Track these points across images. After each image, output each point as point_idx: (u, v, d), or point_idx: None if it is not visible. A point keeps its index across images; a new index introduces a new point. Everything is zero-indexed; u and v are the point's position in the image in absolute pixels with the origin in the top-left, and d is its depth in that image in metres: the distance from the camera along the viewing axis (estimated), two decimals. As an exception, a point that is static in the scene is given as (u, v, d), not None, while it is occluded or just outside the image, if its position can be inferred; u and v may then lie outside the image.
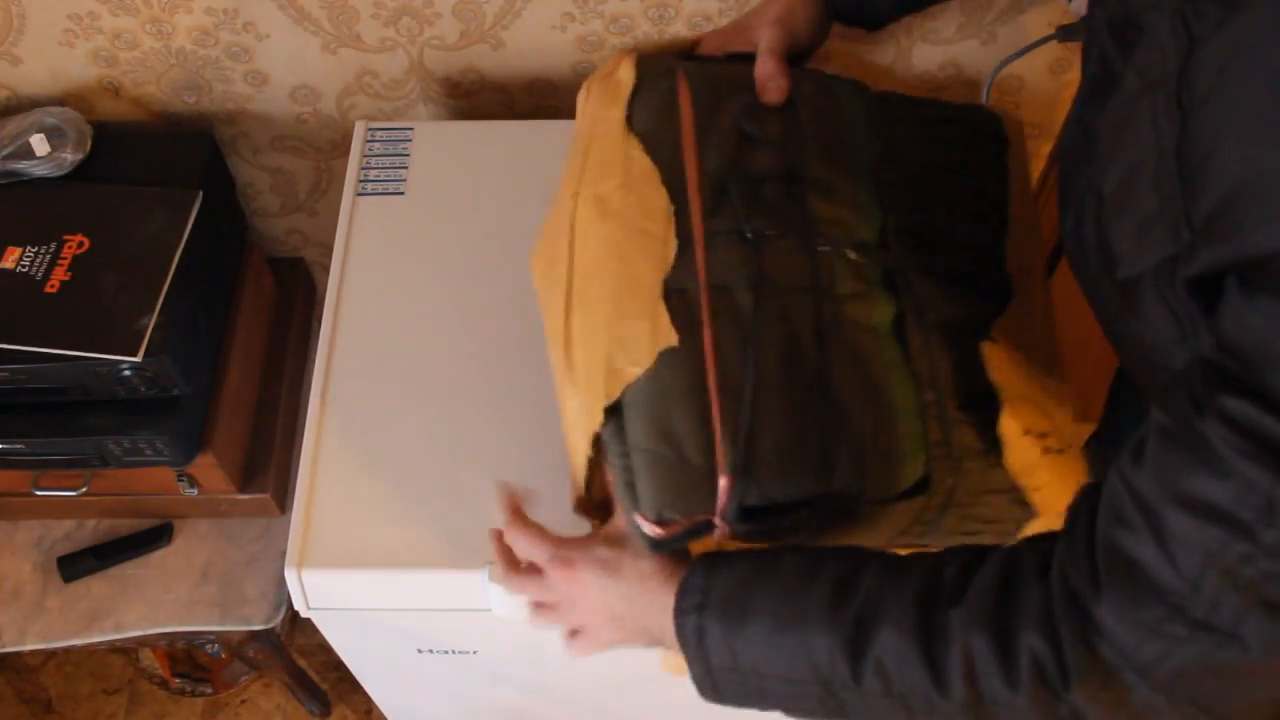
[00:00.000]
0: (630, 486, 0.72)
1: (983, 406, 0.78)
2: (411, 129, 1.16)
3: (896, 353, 0.78)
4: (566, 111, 1.00)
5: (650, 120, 0.83)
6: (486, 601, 0.92)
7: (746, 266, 0.76)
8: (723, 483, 0.71)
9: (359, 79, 1.20)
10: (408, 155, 1.14)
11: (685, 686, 0.69)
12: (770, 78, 0.84)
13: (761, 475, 0.71)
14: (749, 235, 0.78)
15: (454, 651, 1.07)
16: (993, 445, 0.77)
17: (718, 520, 0.72)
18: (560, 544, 0.75)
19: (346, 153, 1.19)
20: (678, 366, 0.73)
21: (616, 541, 0.74)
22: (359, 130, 1.15)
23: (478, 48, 1.17)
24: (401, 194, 1.11)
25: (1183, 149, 0.52)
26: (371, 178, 1.12)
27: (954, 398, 0.78)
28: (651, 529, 0.71)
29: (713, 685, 0.68)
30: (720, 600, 0.67)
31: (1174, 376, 0.55)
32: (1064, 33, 1.09)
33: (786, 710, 0.68)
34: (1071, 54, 1.20)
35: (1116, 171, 0.58)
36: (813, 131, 0.85)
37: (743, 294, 0.75)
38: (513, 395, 0.98)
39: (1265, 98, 0.47)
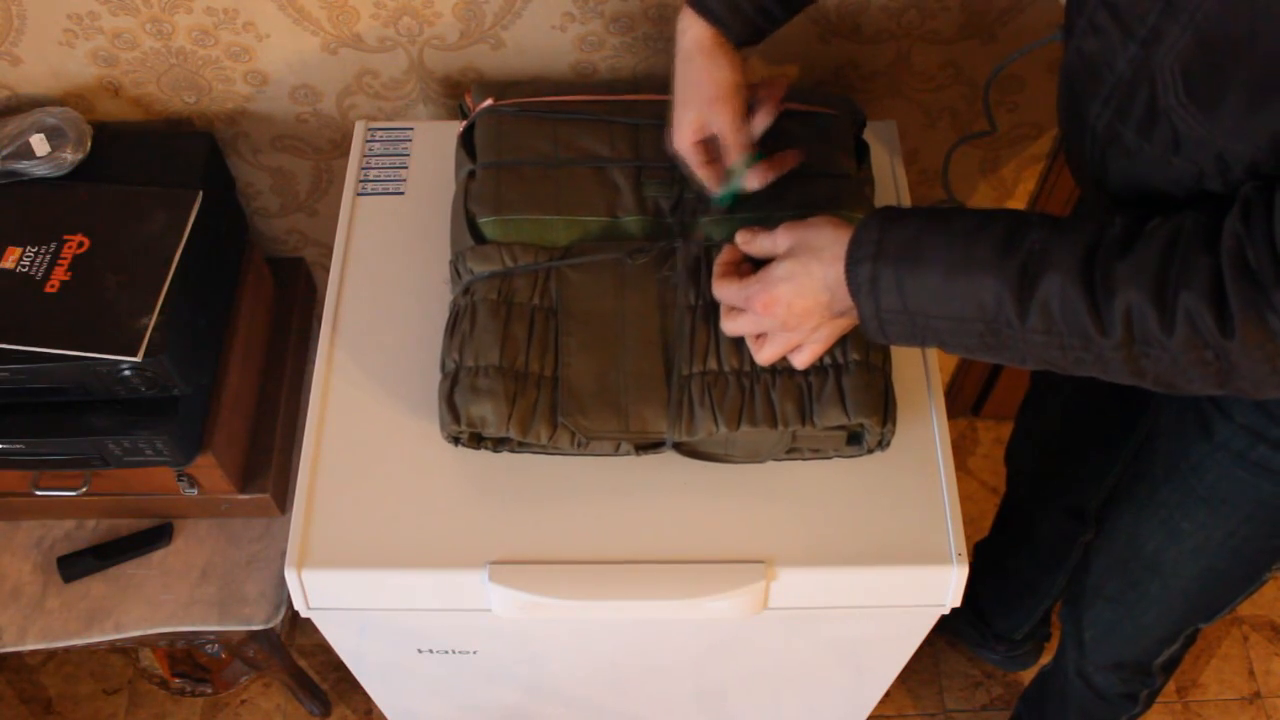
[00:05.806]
0: None
1: None
2: (411, 129, 1.16)
3: None
4: (566, 111, 1.00)
5: None
6: (486, 601, 0.92)
7: None
8: None
9: (359, 79, 1.20)
10: (408, 155, 1.14)
11: (684, 686, 0.69)
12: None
13: None
14: None
15: (454, 651, 1.07)
16: None
17: None
18: (747, 283, 0.83)
19: (346, 153, 1.19)
20: None
21: (791, 254, 0.81)
22: (359, 130, 1.16)
23: (478, 48, 1.17)
24: (401, 194, 1.11)
25: None
26: (371, 178, 1.12)
27: None
28: None
29: (880, 325, 0.76)
30: (894, 249, 0.73)
31: None
32: (1064, 33, 1.09)
33: (945, 345, 0.75)
34: (1071, 54, 1.20)
35: None
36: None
37: None
38: (513, 395, 0.97)
39: None
